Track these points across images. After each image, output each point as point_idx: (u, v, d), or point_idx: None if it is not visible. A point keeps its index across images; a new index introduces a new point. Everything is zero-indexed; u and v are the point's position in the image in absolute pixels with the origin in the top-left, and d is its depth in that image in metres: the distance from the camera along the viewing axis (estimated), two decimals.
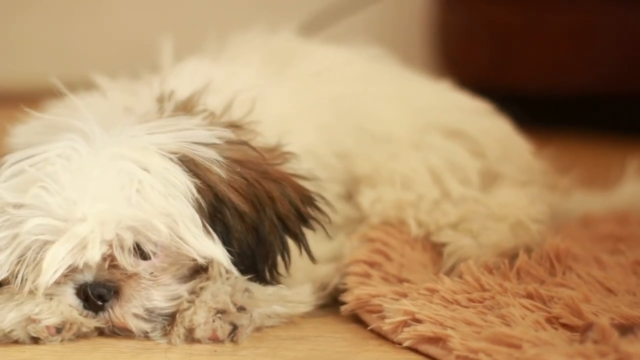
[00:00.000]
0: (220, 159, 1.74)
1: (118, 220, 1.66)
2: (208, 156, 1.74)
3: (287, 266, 1.78)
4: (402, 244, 1.98)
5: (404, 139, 2.13)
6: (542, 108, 3.43)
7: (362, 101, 2.15)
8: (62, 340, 1.71)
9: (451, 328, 1.66)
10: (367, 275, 1.88)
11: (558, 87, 3.74)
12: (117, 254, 1.67)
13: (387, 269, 1.91)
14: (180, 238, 1.68)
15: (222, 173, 1.73)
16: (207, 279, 1.76)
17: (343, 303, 1.83)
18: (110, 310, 1.70)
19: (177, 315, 1.72)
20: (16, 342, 1.70)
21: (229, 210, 1.72)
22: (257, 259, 1.74)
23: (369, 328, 1.78)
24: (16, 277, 1.68)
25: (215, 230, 1.71)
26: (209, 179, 1.73)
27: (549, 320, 1.70)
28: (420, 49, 4.15)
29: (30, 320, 1.69)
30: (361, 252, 1.93)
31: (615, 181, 2.42)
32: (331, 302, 1.87)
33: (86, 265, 1.68)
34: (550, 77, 3.77)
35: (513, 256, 1.92)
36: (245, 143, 1.79)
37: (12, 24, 4.17)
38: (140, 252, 1.70)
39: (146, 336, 1.72)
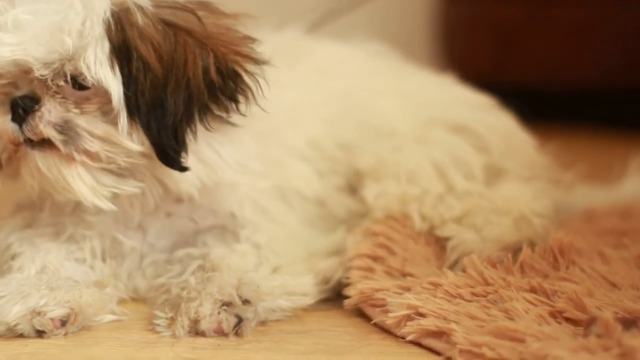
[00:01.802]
0: (152, 10, 1.75)
1: (36, 33, 1.72)
2: (141, 4, 1.76)
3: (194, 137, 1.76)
4: (406, 238, 1.98)
5: (408, 133, 2.13)
6: (545, 103, 3.43)
7: (365, 96, 2.15)
8: (65, 334, 1.71)
9: (454, 322, 1.66)
10: (371, 269, 1.88)
11: (561, 82, 3.74)
12: (35, 65, 1.72)
13: (390, 263, 1.91)
14: (84, 57, 1.72)
15: (143, 23, 1.75)
16: (213, 270, 1.76)
17: (346, 297, 1.83)
18: (31, 121, 1.74)
19: (182, 306, 1.72)
20: (19, 335, 1.70)
21: (135, 59, 1.74)
22: (157, 118, 1.74)
23: (372, 322, 1.78)
24: None
25: (120, 71, 1.73)
26: (125, 23, 1.74)
27: (552, 315, 1.70)
28: (423, 44, 4.15)
29: (36, 313, 1.70)
30: (364, 246, 1.93)
31: (618, 176, 2.42)
32: (334, 296, 1.87)
33: (19, 79, 1.75)
34: (553, 72, 3.77)
35: (516, 250, 1.92)
36: (195, 14, 1.79)
37: None
38: (73, 83, 1.74)
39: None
